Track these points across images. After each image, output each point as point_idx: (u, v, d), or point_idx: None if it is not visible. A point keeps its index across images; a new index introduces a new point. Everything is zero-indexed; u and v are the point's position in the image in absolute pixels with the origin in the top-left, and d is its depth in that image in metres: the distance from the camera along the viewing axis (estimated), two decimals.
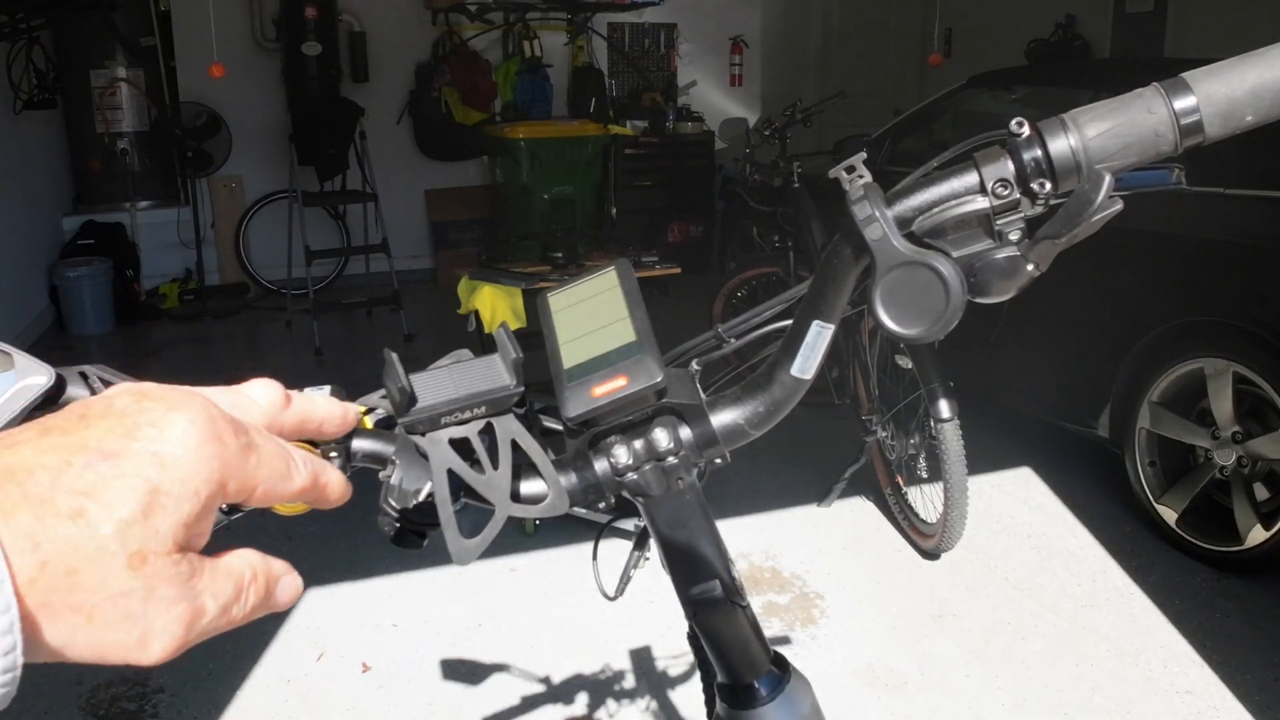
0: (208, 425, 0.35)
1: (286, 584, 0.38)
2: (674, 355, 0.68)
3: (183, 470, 0.33)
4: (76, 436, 0.33)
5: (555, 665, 2.50)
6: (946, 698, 2.40)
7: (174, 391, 0.35)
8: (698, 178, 7.03)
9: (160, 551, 0.32)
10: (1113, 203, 0.52)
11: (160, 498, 0.32)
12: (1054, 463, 3.70)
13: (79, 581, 0.31)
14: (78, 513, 0.31)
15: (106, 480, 0.32)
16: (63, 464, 0.32)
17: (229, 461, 0.35)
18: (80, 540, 0.31)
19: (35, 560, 0.30)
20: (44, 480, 0.31)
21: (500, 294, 3.47)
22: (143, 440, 0.33)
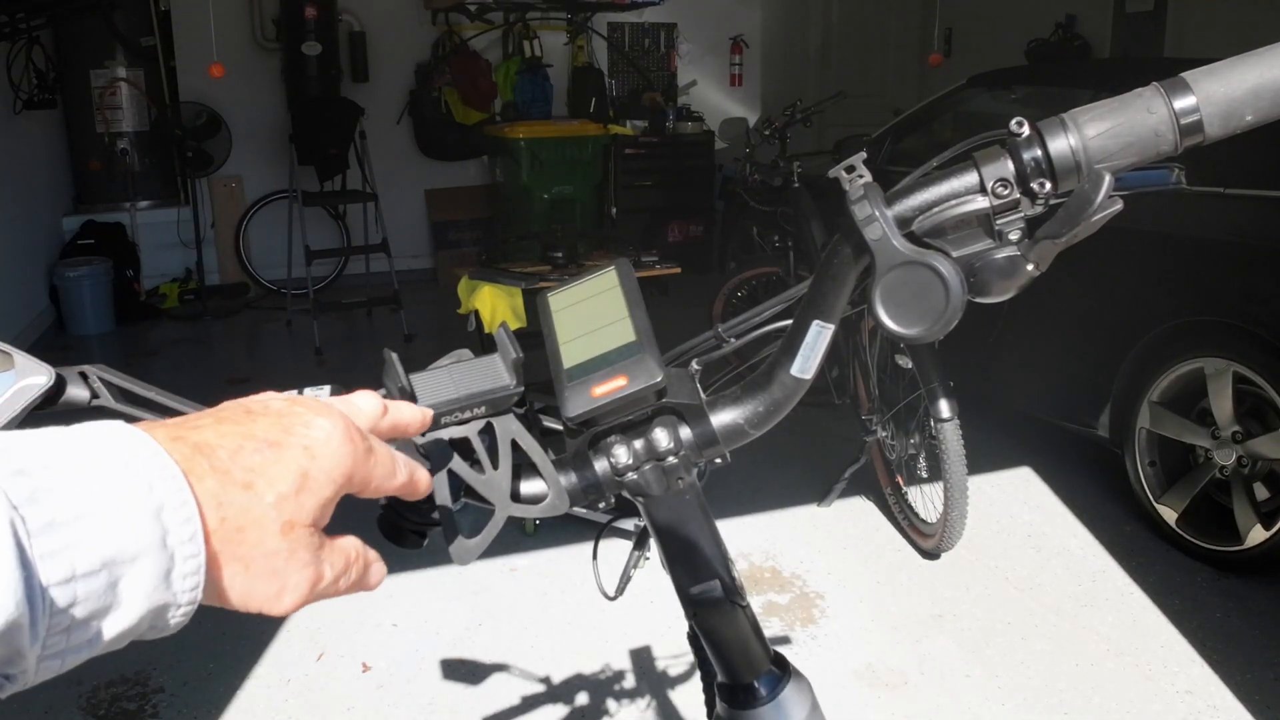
0: (345, 429, 0.43)
1: (377, 569, 0.46)
2: (674, 355, 0.68)
3: (326, 462, 0.42)
4: (245, 427, 0.41)
5: (555, 665, 2.50)
6: (946, 698, 2.40)
7: (316, 402, 0.45)
8: (698, 178, 7.03)
9: (303, 523, 0.41)
10: (1113, 202, 0.52)
11: (308, 481, 0.41)
12: (1054, 463, 3.70)
13: (245, 538, 0.39)
14: (248, 484, 0.39)
15: (270, 463, 0.40)
16: (237, 446, 0.40)
17: (357, 460, 0.43)
18: (249, 505, 0.39)
19: (217, 516, 0.38)
20: (224, 456, 0.39)
21: (500, 294, 3.47)
22: (297, 435, 0.41)
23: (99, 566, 0.34)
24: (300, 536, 0.41)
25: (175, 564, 0.36)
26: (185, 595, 0.37)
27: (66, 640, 0.34)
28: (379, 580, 0.46)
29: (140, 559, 0.35)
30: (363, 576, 0.45)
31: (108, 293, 5.83)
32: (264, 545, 0.39)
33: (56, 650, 0.34)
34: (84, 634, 0.34)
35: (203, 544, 0.37)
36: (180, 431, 0.39)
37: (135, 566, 0.35)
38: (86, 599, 0.34)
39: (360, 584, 0.45)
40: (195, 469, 0.38)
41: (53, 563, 0.33)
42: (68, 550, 0.33)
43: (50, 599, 0.33)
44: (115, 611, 0.35)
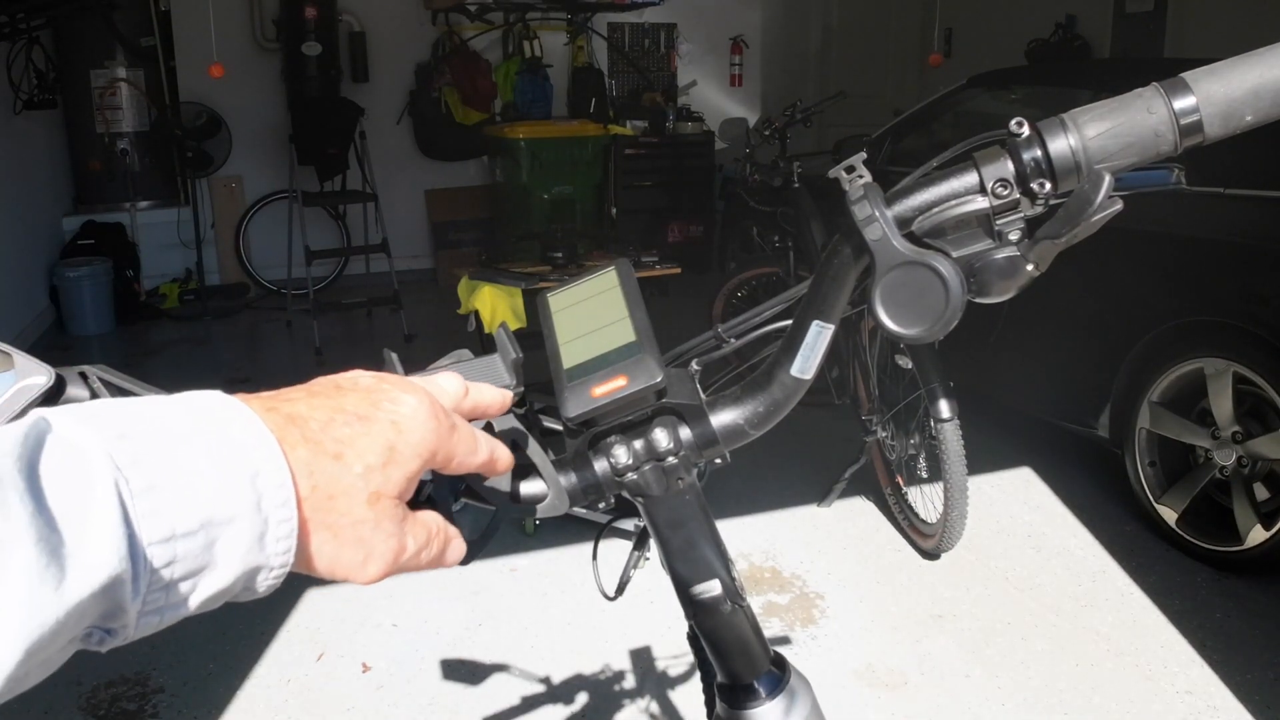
0: (430, 406, 0.44)
1: (456, 545, 0.48)
2: (674, 355, 0.68)
3: (412, 437, 0.43)
4: (336, 400, 0.42)
5: (555, 665, 2.50)
6: (946, 698, 2.40)
7: (403, 379, 0.46)
8: (698, 178, 7.03)
9: (389, 495, 0.42)
10: (1112, 203, 0.52)
11: (395, 454, 0.42)
12: (1054, 463, 3.70)
13: (334, 505, 0.40)
14: (338, 455, 0.40)
15: (358, 435, 0.41)
16: (328, 419, 0.41)
17: (442, 436, 0.44)
18: (339, 474, 0.40)
19: (309, 484, 0.39)
20: (315, 428, 0.40)
21: (500, 294, 3.47)
22: (384, 410, 0.42)
23: (197, 527, 0.35)
24: (386, 507, 0.42)
25: (269, 527, 0.37)
26: (278, 559, 0.38)
27: (165, 597, 0.35)
28: (458, 557, 0.48)
29: (236, 521, 0.36)
30: (443, 551, 0.46)
31: (108, 293, 5.83)
32: (352, 514, 0.40)
33: (155, 606, 0.35)
34: (181, 592, 0.36)
35: (295, 509, 0.38)
36: (274, 403, 0.41)
37: (231, 528, 0.36)
38: (185, 558, 0.35)
39: (440, 559, 0.46)
40: (288, 438, 0.39)
41: (154, 521, 0.34)
42: (168, 511, 0.34)
43: (150, 557, 0.34)
44: (211, 571, 0.36)
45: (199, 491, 0.35)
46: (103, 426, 0.35)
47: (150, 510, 0.34)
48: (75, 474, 0.33)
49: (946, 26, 6.77)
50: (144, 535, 0.34)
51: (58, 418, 0.35)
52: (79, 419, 0.35)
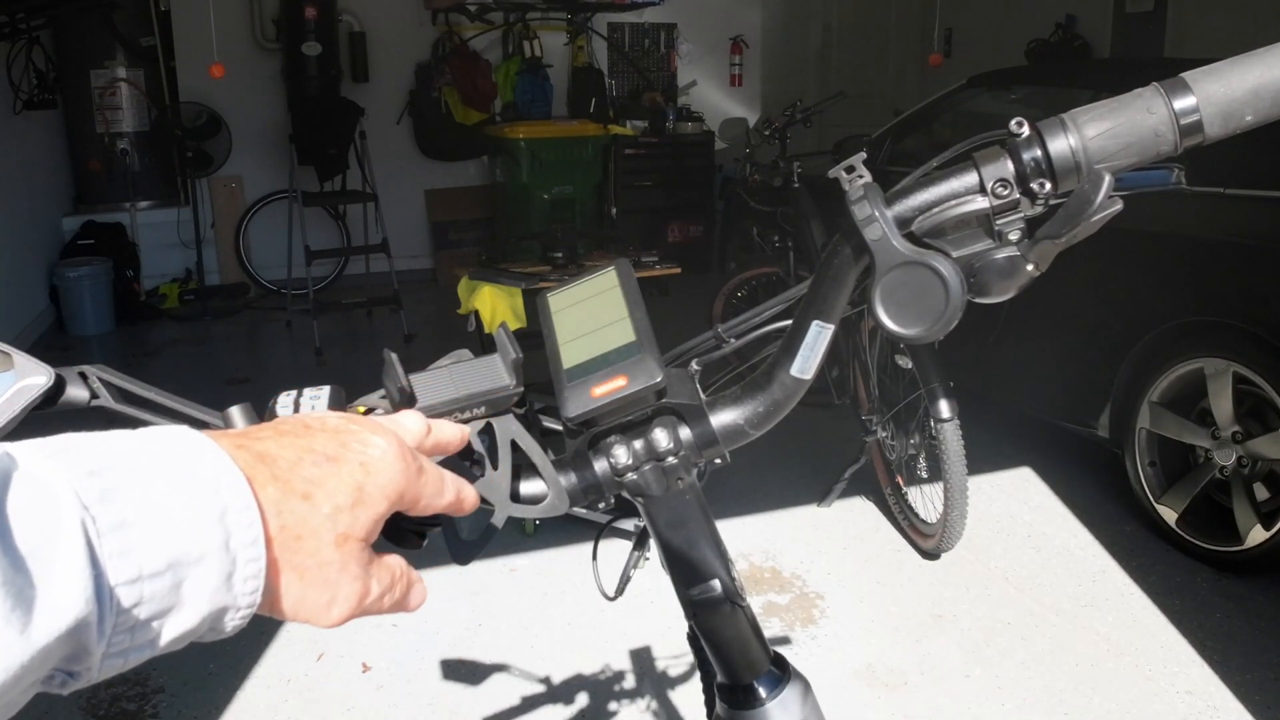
0: (399, 448, 0.44)
1: (419, 590, 0.47)
2: (674, 355, 0.68)
3: (380, 478, 0.43)
4: (305, 440, 0.42)
5: (555, 665, 2.50)
6: (946, 698, 2.40)
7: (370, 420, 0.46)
8: (698, 178, 7.03)
9: (356, 537, 0.41)
10: (1112, 203, 0.52)
11: (363, 495, 0.42)
12: (1054, 463, 3.70)
13: (301, 546, 0.39)
14: (306, 495, 0.40)
15: (327, 476, 0.41)
16: (297, 458, 0.41)
17: (410, 478, 0.44)
18: (307, 515, 0.40)
19: (277, 524, 0.39)
20: (284, 467, 0.40)
21: (500, 294, 3.47)
22: (353, 451, 0.42)
23: (164, 568, 0.34)
24: (352, 549, 0.41)
25: (237, 567, 0.37)
26: (245, 598, 0.38)
27: (130, 639, 0.34)
28: (420, 602, 0.47)
29: (204, 561, 0.36)
30: (405, 596, 0.46)
31: (108, 293, 5.83)
32: (319, 555, 0.40)
33: (120, 649, 0.34)
34: (147, 633, 0.35)
35: (264, 549, 0.38)
36: (243, 441, 0.41)
37: (199, 568, 0.35)
38: (152, 599, 0.34)
39: (402, 604, 0.46)
40: (258, 476, 0.39)
41: (121, 562, 0.33)
42: (136, 550, 0.34)
43: (117, 598, 0.33)
44: (178, 612, 0.36)
45: (168, 530, 0.35)
46: (71, 463, 0.34)
47: (118, 550, 0.33)
48: (42, 513, 0.32)
49: (946, 26, 6.76)
50: (111, 576, 0.33)
51: (24, 453, 0.34)
52: (46, 454, 0.34)
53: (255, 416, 0.56)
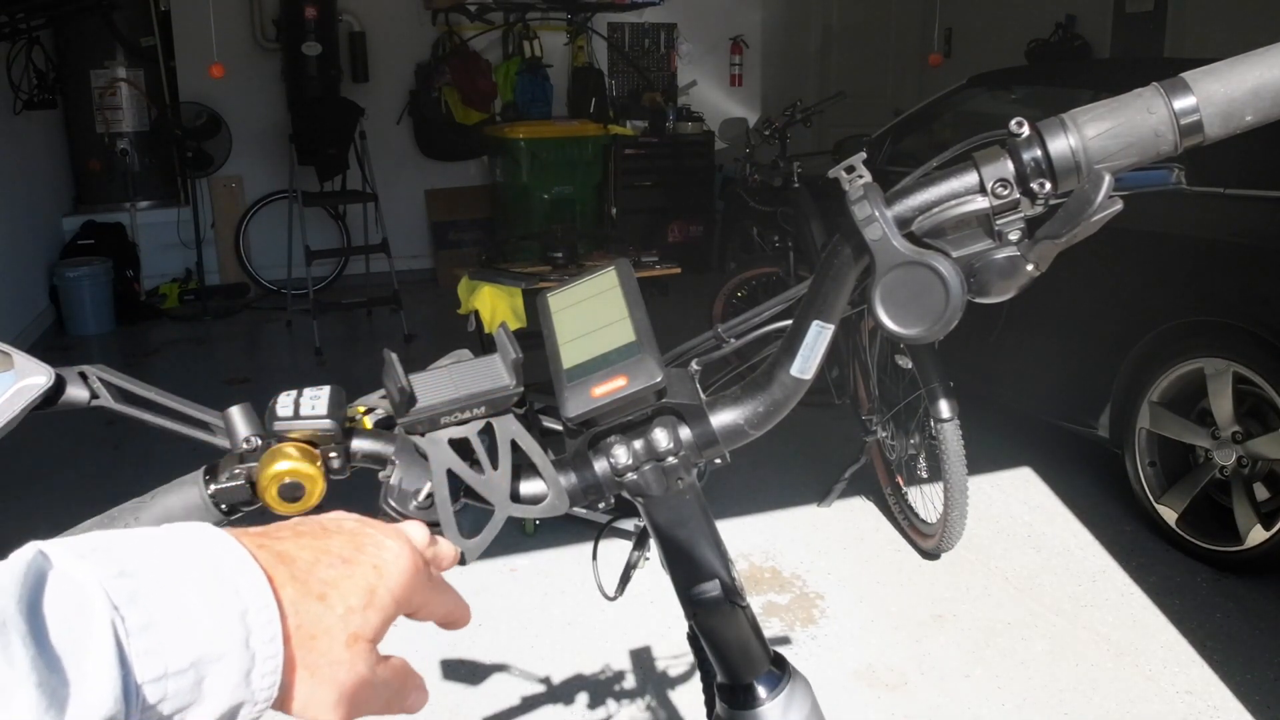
0: (411, 554, 0.46)
1: (420, 694, 0.48)
2: (674, 355, 0.68)
3: (391, 581, 0.44)
4: (322, 541, 0.43)
5: (555, 665, 2.50)
6: (946, 698, 2.40)
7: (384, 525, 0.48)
8: (698, 178, 7.03)
9: (366, 638, 0.43)
10: (1112, 203, 0.52)
11: (375, 598, 0.43)
12: (1054, 463, 3.70)
13: (315, 645, 0.40)
14: (322, 596, 0.41)
15: (343, 577, 0.42)
16: (314, 559, 0.42)
17: (420, 584, 0.46)
18: (321, 615, 0.41)
19: (294, 623, 0.40)
20: (302, 568, 0.41)
21: (500, 294, 3.47)
22: (368, 554, 0.44)
23: (188, 665, 0.36)
24: (362, 650, 0.42)
25: (255, 664, 0.38)
26: (262, 694, 0.39)
27: None
28: (420, 705, 0.48)
29: (225, 658, 0.37)
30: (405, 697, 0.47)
31: (108, 293, 5.83)
32: (331, 655, 0.41)
33: None
34: None
35: (282, 646, 0.39)
36: (264, 540, 0.42)
37: (220, 665, 0.37)
38: (175, 695, 0.36)
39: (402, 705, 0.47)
40: (277, 575, 0.40)
41: (148, 660, 0.35)
42: (162, 649, 0.35)
43: (143, 695, 0.35)
44: (198, 707, 0.37)
45: (192, 629, 0.36)
46: (101, 563, 0.36)
47: (145, 649, 0.35)
48: (76, 613, 0.34)
49: (946, 26, 6.76)
50: (138, 673, 0.34)
51: (57, 552, 0.36)
52: (78, 554, 0.36)
53: (255, 416, 0.56)
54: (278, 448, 0.55)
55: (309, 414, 0.55)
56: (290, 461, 0.54)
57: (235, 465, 0.56)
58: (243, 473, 0.55)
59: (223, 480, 0.56)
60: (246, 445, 0.55)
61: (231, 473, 0.56)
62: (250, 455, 0.55)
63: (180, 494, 0.56)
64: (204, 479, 0.56)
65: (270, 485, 0.54)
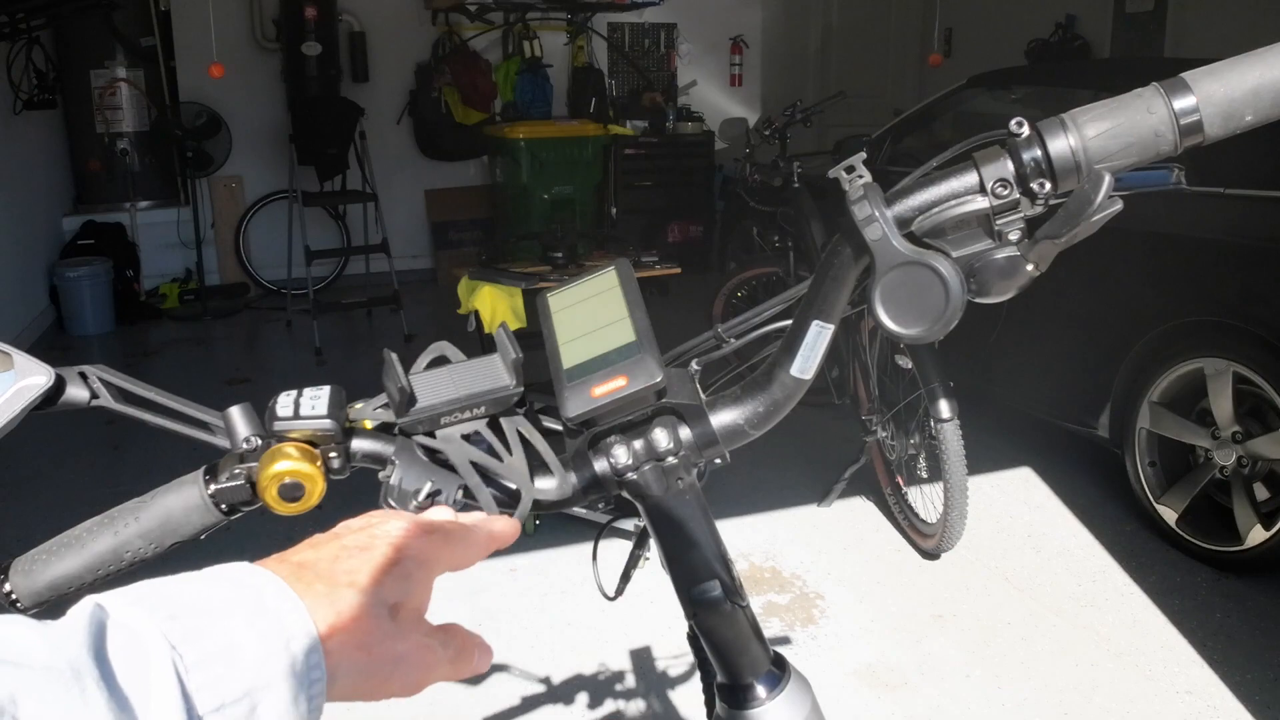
0: (417, 521, 0.49)
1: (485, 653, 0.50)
2: (674, 355, 0.68)
3: (410, 550, 0.47)
4: (337, 544, 0.46)
5: (555, 665, 2.50)
6: (946, 698, 2.40)
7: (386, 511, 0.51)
8: (698, 178, 7.03)
9: (409, 605, 0.45)
10: (1112, 203, 0.52)
11: (402, 569, 0.46)
12: (1054, 463, 3.70)
13: (360, 626, 0.43)
14: (352, 583, 0.44)
15: (364, 564, 0.45)
16: (334, 558, 0.45)
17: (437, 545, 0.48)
18: (356, 599, 0.43)
19: (333, 612, 0.42)
20: (325, 568, 0.44)
21: (500, 294, 3.47)
22: (379, 538, 0.47)
23: (242, 695, 0.38)
24: (409, 618, 0.45)
25: (302, 688, 0.40)
26: (311, 716, 0.41)
27: None
28: (487, 663, 0.50)
29: (274, 685, 0.39)
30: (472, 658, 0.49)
31: (108, 293, 5.83)
32: (380, 629, 0.43)
33: None
34: None
35: (325, 670, 0.41)
36: (284, 556, 0.45)
37: (270, 692, 0.39)
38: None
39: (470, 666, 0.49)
40: (303, 578, 0.43)
41: (207, 694, 0.37)
42: (218, 682, 0.38)
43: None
44: None
45: (243, 661, 0.39)
46: (154, 608, 0.39)
47: (203, 684, 0.37)
48: (137, 657, 0.37)
49: (946, 26, 6.77)
50: (199, 706, 0.37)
51: (111, 602, 0.39)
52: (130, 601, 0.39)
53: (255, 416, 0.56)
54: (278, 448, 0.55)
55: (309, 414, 0.55)
56: (290, 461, 0.54)
57: (235, 465, 0.56)
58: (243, 473, 0.55)
59: (223, 480, 0.56)
60: (246, 445, 0.55)
61: (231, 473, 0.56)
62: (250, 455, 0.55)
63: (180, 494, 0.56)
64: (204, 479, 0.56)
65: (270, 485, 0.54)
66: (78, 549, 0.56)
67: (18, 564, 0.57)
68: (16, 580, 0.56)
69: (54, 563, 0.56)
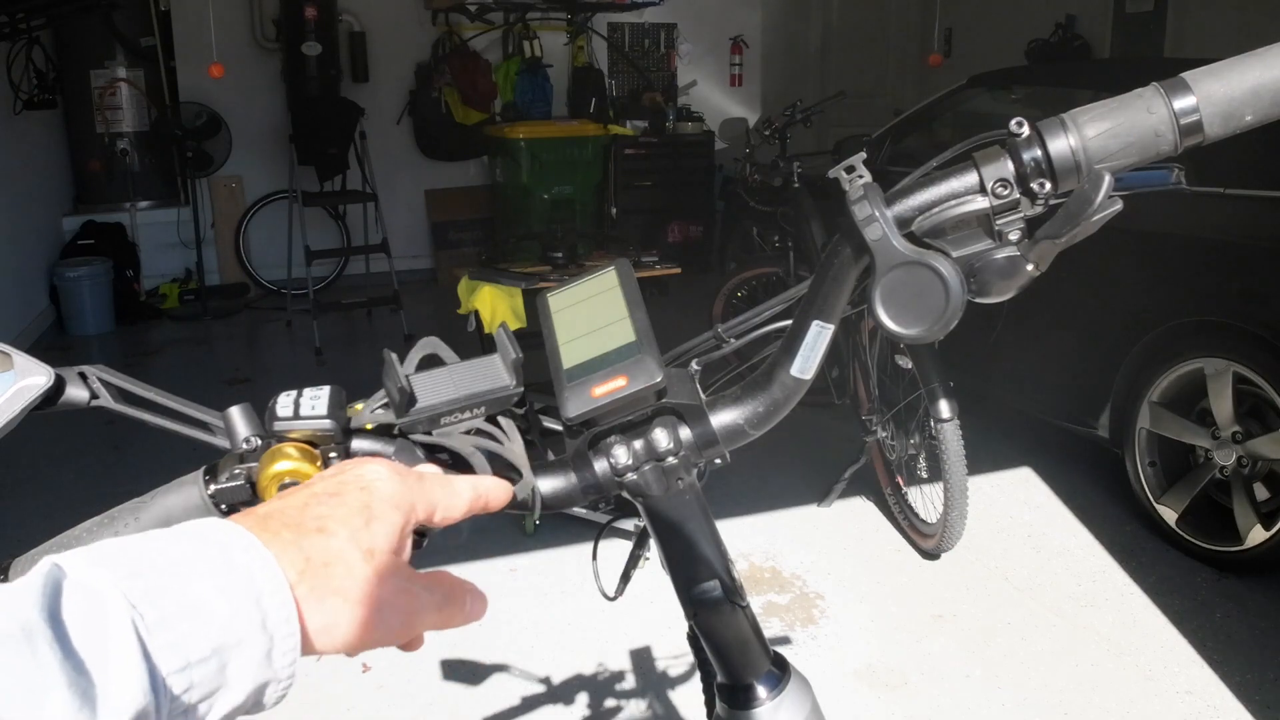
0: (390, 466, 0.48)
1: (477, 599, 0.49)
2: (674, 355, 0.68)
3: (382, 492, 0.45)
4: (305, 491, 0.45)
5: (555, 665, 2.50)
6: (946, 698, 2.40)
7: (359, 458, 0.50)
8: (698, 178, 7.03)
9: (382, 550, 0.44)
10: (1112, 203, 0.52)
11: (373, 510, 0.44)
12: (1054, 463, 3.70)
13: (333, 571, 0.42)
14: (320, 529, 0.43)
15: (334, 508, 0.44)
16: (302, 505, 0.44)
17: (411, 487, 0.47)
18: (327, 544, 0.42)
19: (301, 558, 0.41)
20: (292, 515, 0.43)
21: (500, 294, 3.47)
22: (351, 481, 0.46)
23: (210, 653, 0.37)
24: (385, 562, 0.44)
25: (275, 643, 0.39)
26: (284, 671, 0.40)
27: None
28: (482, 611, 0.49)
29: (245, 643, 0.38)
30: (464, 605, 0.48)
31: (108, 293, 5.83)
32: (355, 573, 0.42)
33: None
34: (199, 714, 0.38)
35: (297, 625, 0.40)
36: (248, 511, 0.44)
37: (241, 650, 0.38)
38: (201, 683, 0.37)
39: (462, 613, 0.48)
40: (270, 528, 0.42)
41: (170, 654, 0.36)
42: (182, 641, 0.37)
43: (169, 686, 0.36)
44: (225, 691, 0.38)
45: (210, 619, 0.37)
46: (114, 566, 0.37)
47: (166, 643, 0.36)
48: (95, 616, 0.35)
49: (946, 26, 6.76)
50: (162, 666, 0.36)
51: (70, 562, 0.37)
52: (90, 561, 0.37)
53: (255, 416, 0.56)
54: (278, 448, 0.55)
55: (309, 414, 0.55)
56: (290, 461, 0.54)
57: (235, 465, 0.56)
58: (243, 473, 0.55)
59: (223, 480, 0.56)
60: (246, 445, 0.55)
61: (231, 473, 0.56)
62: (250, 455, 0.55)
63: (180, 494, 0.56)
64: (204, 479, 0.56)
65: (270, 485, 0.54)
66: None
67: (17, 564, 0.57)
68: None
69: None
